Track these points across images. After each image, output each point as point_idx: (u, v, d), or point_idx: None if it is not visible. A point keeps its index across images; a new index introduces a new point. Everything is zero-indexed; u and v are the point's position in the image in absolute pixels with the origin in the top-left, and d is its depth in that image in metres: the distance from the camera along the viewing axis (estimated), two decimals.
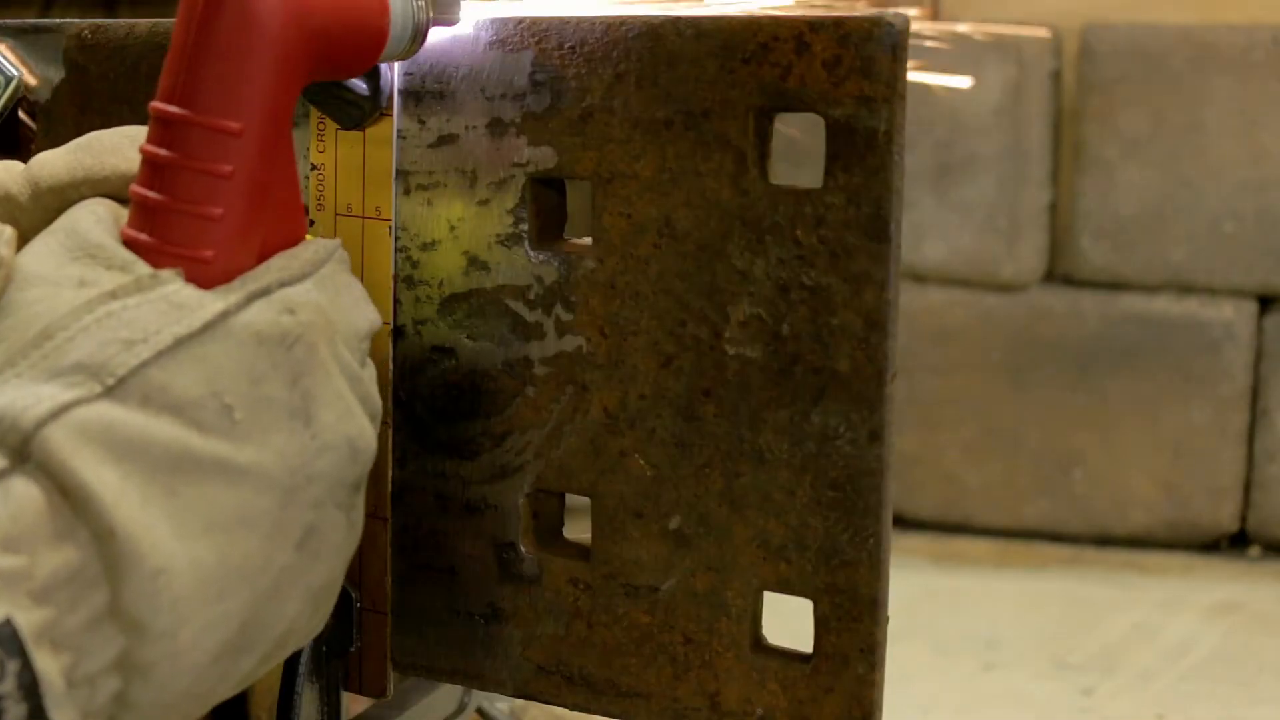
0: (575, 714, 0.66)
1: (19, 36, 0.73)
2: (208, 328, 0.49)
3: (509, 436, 0.64)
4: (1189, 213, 2.03)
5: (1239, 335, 2.05)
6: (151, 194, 0.51)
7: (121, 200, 0.54)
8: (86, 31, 0.72)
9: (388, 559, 0.65)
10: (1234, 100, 2.00)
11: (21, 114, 0.74)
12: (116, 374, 0.48)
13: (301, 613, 0.54)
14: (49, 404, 0.47)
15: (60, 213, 0.54)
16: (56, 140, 0.73)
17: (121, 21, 0.71)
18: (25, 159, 0.74)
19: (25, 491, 0.46)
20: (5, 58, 0.72)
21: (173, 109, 0.50)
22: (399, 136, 0.63)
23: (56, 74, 0.72)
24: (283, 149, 0.53)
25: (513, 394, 0.63)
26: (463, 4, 0.61)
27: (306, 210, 0.64)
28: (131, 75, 0.71)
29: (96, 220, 0.52)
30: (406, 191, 0.64)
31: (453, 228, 0.64)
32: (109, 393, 0.48)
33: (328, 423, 0.52)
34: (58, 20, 0.73)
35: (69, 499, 0.46)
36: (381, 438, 0.64)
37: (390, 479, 0.65)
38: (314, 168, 0.63)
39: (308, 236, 0.55)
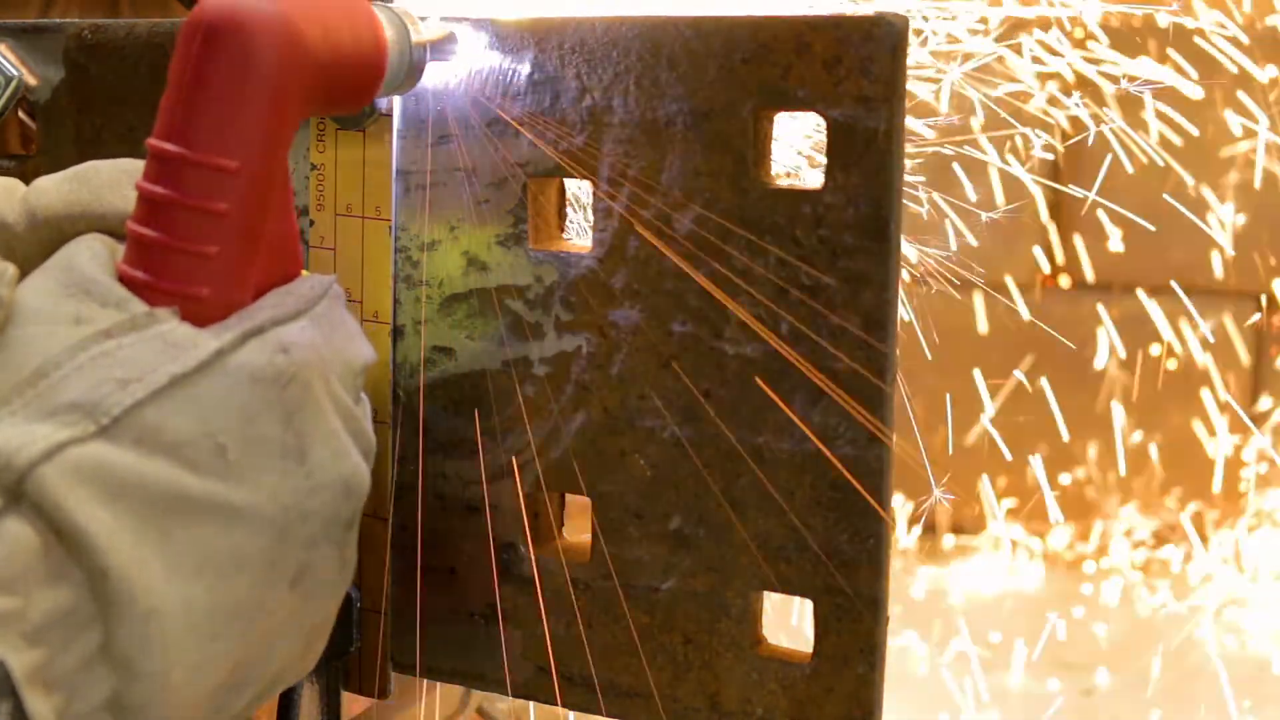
0: (575, 714, 0.66)
1: (19, 36, 0.73)
2: (202, 367, 0.49)
3: (509, 436, 0.64)
4: (1189, 212, 2.03)
5: (1239, 335, 2.05)
6: (148, 231, 0.50)
7: (118, 235, 0.54)
8: (86, 31, 0.72)
9: (388, 559, 0.65)
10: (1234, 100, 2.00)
11: (21, 114, 0.74)
12: (111, 413, 0.48)
13: (294, 651, 0.54)
14: (43, 444, 0.46)
15: (56, 244, 0.54)
16: (56, 140, 0.73)
17: (121, 21, 0.71)
18: (25, 160, 0.74)
19: (19, 532, 0.46)
20: (5, 58, 0.72)
21: (169, 147, 0.50)
22: (399, 136, 0.63)
23: (56, 74, 0.72)
24: (279, 186, 0.53)
25: (513, 394, 0.63)
26: (459, 38, 0.61)
27: (306, 210, 0.64)
28: (131, 75, 0.71)
29: (93, 256, 0.52)
30: (406, 191, 0.64)
31: (453, 228, 0.64)
32: (103, 432, 0.47)
33: (322, 462, 0.52)
34: (58, 20, 0.73)
35: (63, 540, 0.46)
36: (381, 438, 0.64)
37: (390, 479, 0.65)
38: (314, 168, 0.63)
39: (304, 271, 0.55)
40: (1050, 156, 2.09)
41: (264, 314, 0.51)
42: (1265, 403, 2.04)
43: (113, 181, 0.55)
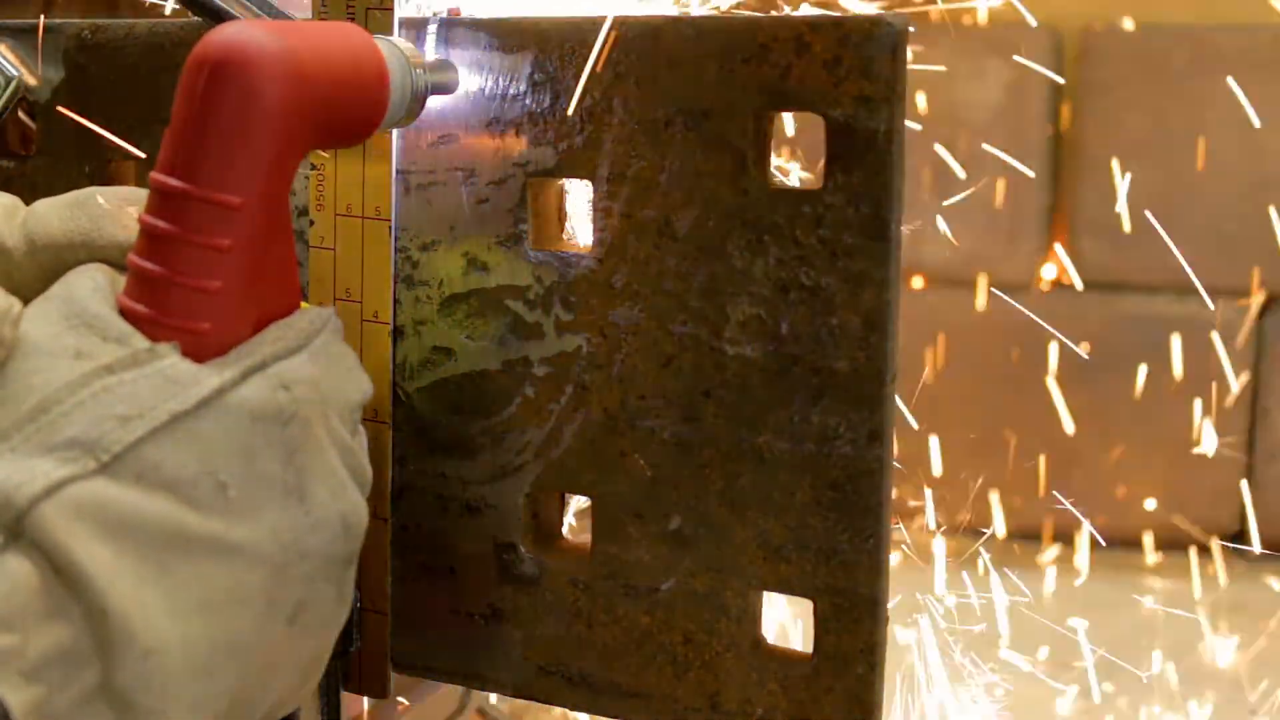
0: (575, 714, 0.66)
1: (19, 36, 0.73)
2: (203, 404, 0.49)
3: (509, 436, 0.64)
4: (1189, 213, 2.04)
5: (1239, 335, 2.05)
6: (150, 265, 0.50)
7: (117, 265, 0.54)
8: (86, 31, 0.72)
9: (388, 559, 0.65)
10: (1234, 100, 2.00)
11: (21, 114, 0.74)
12: (112, 450, 0.47)
13: (290, 684, 0.54)
14: (43, 481, 0.46)
15: (55, 271, 0.54)
16: (56, 140, 0.73)
17: (121, 21, 0.71)
18: (25, 158, 0.74)
19: (19, 569, 0.46)
20: (5, 58, 0.72)
21: (173, 182, 0.50)
22: (399, 136, 0.63)
23: (56, 74, 0.72)
24: (281, 220, 0.53)
25: (513, 394, 0.63)
26: (460, 70, 0.61)
27: (306, 210, 0.64)
28: (131, 75, 0.71)
29: (94, 288, 0.52)
30: (406, 191, 0.64)
31: (452, 228, 0.64)
32: (104, 469, 0.47)
33: (321, 499, 0.52)
34: (58, 20, 0.73)
35: (62, 577, 0.46)
36: (381, 438, 0.64)
37: (390, 479, 0.65)
38: (314, 168, 0.63)
39: (303, 304, 0.55)
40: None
41: (265, 349, 0.51)
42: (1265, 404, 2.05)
43: (113, 211, 0.55)
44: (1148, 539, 2.08)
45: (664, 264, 0.59)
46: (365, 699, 0.79)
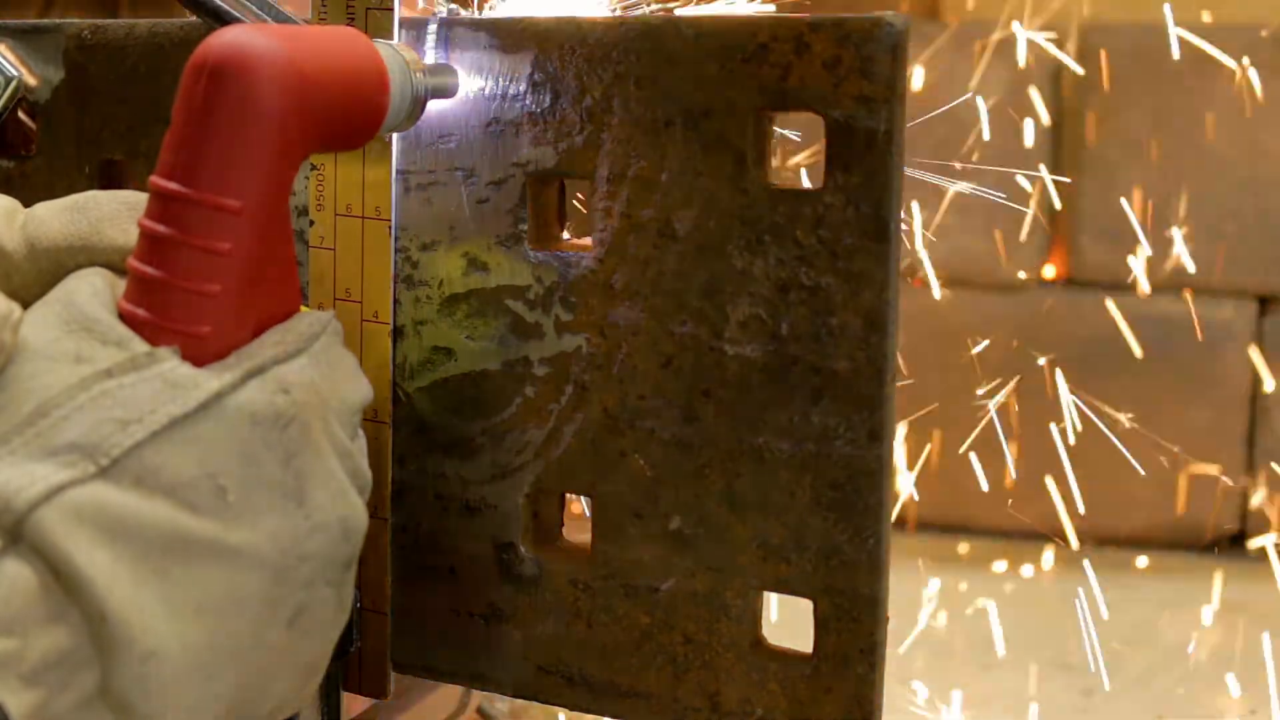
0: (575, 714, 0.66)
1: (19, 36, 0.73)
2: (203, 408, 0.49)
3: (509, 436, 0.64)
4: (1189, 212, 2.04)
5: (1239, 335, 2.05)
6: (149, 269, 0.50)
7: (117, 269, 0.54)
8: (86, 31, 0.72)
9: (388, 559, 0.65)
10: (1234, 99, 2.01)
11: (21, 114, 0.74)
12: (111, 454, 0.47)
13: (290, 688, 0.54)
14: (42, 485, 0.46)
15: (54, 274, 0.54)
16: (56, 140, 0.73)
17: (121, 21, 0.71)
18: (24, 158, 0.74)
19: (18, 573, 0.46)
20: (5, 58, 0.72)
21: (173, 186, 0.50)
22: (399, 137, 0.63)
23: (56, 74, 0.72)
24: (280, 224, 0.53)
25: (513, 394, 0.63)
26: (460, 74, 0.61)
27: (306, 210, 0.64)
28: (131, 75, 0.71)
29: (94, 293, 0.52)
30: (406, 191, 0.64)
31: (452, 227, 0.64)
32: (103, 473, 0.47)
33: (320, 503, 0.52)
34: (58, 20, 0.73)
35: (61, 581, 0.46)
36: (381, 438, 0.64)
37: (390, 479, 0.65)
38: (314, 168, 0.63)
39: (303, 307, 0.55)
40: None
41: (264, 353, 0.51)
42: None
43: (113, 215, 0.55)
44: (1147, 539, 2.08)
45: (664, 264, 0.59)
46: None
